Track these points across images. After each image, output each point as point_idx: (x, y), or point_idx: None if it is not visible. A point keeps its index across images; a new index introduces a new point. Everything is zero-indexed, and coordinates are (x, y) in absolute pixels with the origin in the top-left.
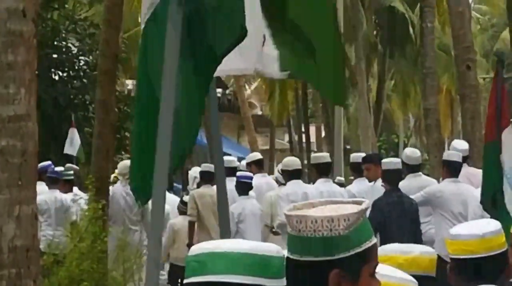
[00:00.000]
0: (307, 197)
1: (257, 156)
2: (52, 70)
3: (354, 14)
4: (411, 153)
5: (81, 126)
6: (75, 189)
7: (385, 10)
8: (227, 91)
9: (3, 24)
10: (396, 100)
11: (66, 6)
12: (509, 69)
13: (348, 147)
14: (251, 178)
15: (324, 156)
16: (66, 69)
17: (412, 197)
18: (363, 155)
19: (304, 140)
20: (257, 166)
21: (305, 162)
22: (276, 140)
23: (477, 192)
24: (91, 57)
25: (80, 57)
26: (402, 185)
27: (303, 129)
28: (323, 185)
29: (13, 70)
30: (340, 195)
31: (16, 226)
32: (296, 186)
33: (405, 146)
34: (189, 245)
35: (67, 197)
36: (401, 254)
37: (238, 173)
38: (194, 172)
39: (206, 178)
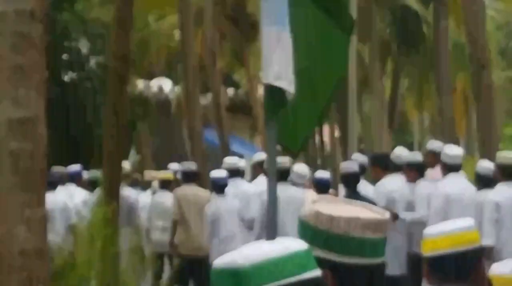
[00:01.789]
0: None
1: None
2: (62, 71)
3: (368, 13)
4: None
5: (92, 128)
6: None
7: (399, 8)
8: (240, 91)
9: (11, 26)
10: (410, 100)
11: (76, 7)
12: None
13: (362, 146)
14: (225, 178)
15: (283, 161)
16: (77, 70)
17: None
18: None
19: (317, 140)
20: (261, 167)
21: (318, 162)
22: None
23: None
24: (101, 58)
25: (91, 58)
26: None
27: (316, 129)
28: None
29: (22, 72)
30: (299, 200)
31: (26, 229)
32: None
33: (420, 145)
34: (171, 243)
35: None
36: None
37: (213, 173)
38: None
39: (187, 177)
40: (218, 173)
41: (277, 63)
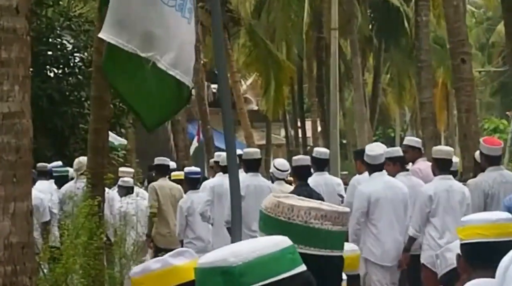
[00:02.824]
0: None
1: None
2: (47, 67)
3: (349, 8)
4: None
5: (76, 123)
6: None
7: (380, 3)
8: None
9: None
10: (392, 94)
11: (61, 2)
12: (505, 62)
13: (344, 141)
14: (199, 173)
15: (254, 152)
16: (61, 66)
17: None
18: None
19: (300, 135)
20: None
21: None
22: (272, 136)
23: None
24: (86, 54)
25: (75, 54)
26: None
27: (299, 124)
28: (250, 179)
29: (6, 67)
30: (268, 189)
31: (12, 223)
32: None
33: (401, 139)
34: (148, 236)
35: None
36: None
37: (186, 169)
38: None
39: (161, 171)
40: (191, 169)
41: (175, 50)
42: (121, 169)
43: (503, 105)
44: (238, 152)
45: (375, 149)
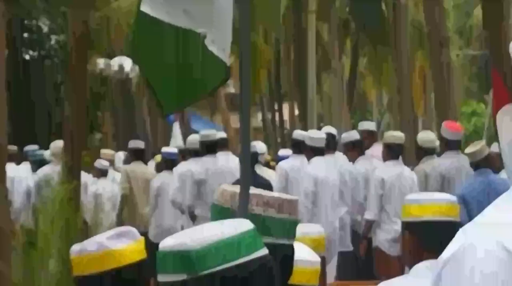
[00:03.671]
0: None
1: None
2: (23, 50)
3: None
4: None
5: (52, 107)
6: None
7: None
8: None
9: None
10: (369, 78)
11: None
12: (482, 46)
13: (322, 124)
14: (175, 154)
15: (212, 134)
16: (37, 49)
17: None
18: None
19: (277, 118)
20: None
21: (279, 140)
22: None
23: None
24: (62, 37)
25: (51, 37)
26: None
27: (276, 107)
28: (209, 161)
29: None
30: (228, 170)
31: None
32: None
33: (379, 123)
34: (118, 217)
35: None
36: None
37: (163, 149)
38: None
39: (135, 155)
40: (168, 149)
41: (215, 23)
42: (102, 150)
43: (481, 89)
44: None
45: (317, 133)
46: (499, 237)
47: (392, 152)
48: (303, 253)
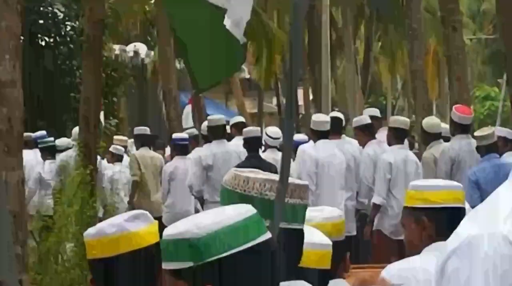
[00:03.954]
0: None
1: (238, 119)
2: (38, 36)
3: None
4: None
5: (68, 93)
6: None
7: None
8: None
9: None
10: (383, 63)
11: None
12: (496, 30)
13: (336, 109)
14: (186, 140)
15: (219, 119)
16: (53, 35)
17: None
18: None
19: None
20: (237, 129)
21: (294, 125)
22: (264, 104)
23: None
24: (77, 23)
25: (67, 23)
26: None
27: None
28: (216, 147)
29: None
30: (235, 154)
31: (4, 192)
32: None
33: (393, 107)
34: (130, 203)
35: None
36: None
37: (174, 135)
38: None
39: (142, 141)
40: (179, 135)
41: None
42: (115, 137)
43: (495, 73)
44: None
45: (321, 116)
46: (504, 230)
47: (397, 136)
48: (313, 237)
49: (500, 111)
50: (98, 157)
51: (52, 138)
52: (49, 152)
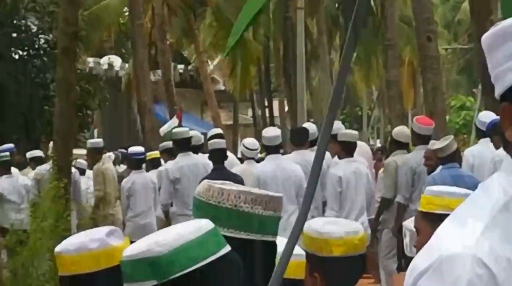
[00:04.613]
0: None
1: (215, 131)
2: (12, 49)
3: None
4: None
5: (42, 106)
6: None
7: None
8: (189, 67)
9: None
10: (359, 73)
11: None
12: (471, 39)
13: (311, 120)
14: (142, 154)
15: (184, 131)
16: (26, 48)
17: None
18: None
19: (267, 115)
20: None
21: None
22: (239, 115)
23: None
24: (51, 36)
25: (40, 36)
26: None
27: (266, 104)
28: (183, 159)
29: None
30: (202, 167)
31: None
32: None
33: (369, 118)
34: (93, 219)
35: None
36: None
37: (130, 149)
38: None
39: (98, 153)
40: (135, 149)
41: None
42: (75, 151)
43: (470, 82)
44: (208, 132)
45: (270, 131)
46: (477, 250)
47: (346, 149)
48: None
49: (475, 121)
50: (73, 170)
51: (7, 153)
52: (4, 167)
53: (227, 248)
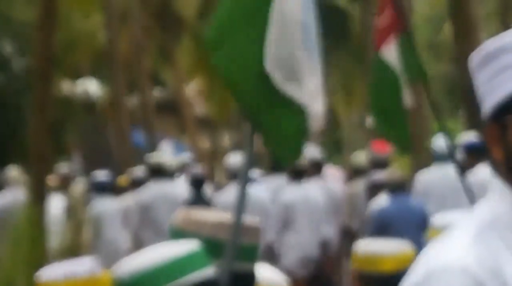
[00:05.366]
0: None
1: (183, 158)
2: None
3: None
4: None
5: (16, 130)
6: None
7: (323, 3)
8: (167, 91)
9: None
10: (339, 96)
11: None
12: (453, 62)
13: None
14: (107, 180)
15: (157, 156)
16: (0, 71)
17: None
18: None
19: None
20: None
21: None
22: (218, 140)
23: None
24: (26, 59)
25: (14, 59)
26: None
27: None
28: (156, 186)
29: None
30: (173, 195)
31: None
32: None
33: (349, 142)
34: (62, 245)
35: None
36: None
37: (94, 175)
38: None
39: (66, 181)
40: (99, 175)
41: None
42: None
43: (452, 104)
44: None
45: (234, 159)
46: (464, 261)
47: (295, 175)
48: (267, 274)
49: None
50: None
51: None
52: None
53: (205, 272)
